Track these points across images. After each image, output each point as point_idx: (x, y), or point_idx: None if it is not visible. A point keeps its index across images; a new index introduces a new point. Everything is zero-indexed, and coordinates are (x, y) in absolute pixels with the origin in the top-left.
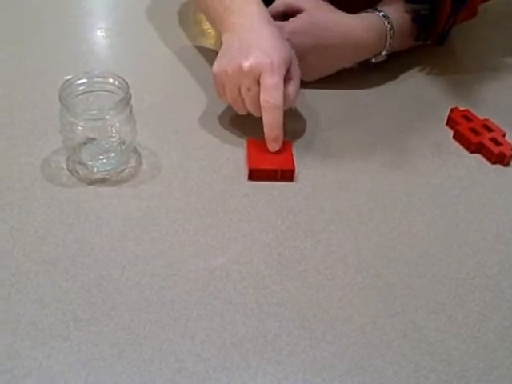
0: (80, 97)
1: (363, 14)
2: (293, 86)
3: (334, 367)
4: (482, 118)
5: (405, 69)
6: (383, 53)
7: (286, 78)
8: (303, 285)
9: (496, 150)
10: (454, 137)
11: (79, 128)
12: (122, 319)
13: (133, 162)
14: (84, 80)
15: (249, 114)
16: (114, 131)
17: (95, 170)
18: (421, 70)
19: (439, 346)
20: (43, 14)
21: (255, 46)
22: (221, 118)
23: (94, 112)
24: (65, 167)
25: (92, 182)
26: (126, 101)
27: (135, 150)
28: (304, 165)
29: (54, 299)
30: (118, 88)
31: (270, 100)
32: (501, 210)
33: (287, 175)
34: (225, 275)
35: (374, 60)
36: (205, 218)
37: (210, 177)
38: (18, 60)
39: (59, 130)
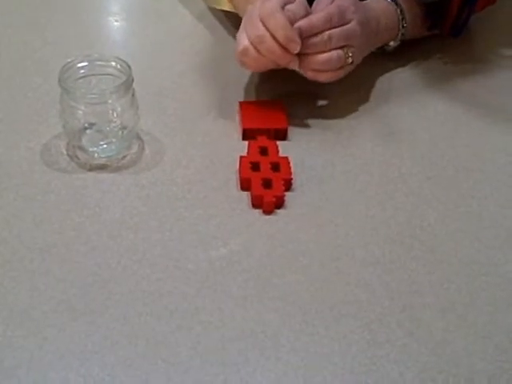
0: (81, 80)
1: (375, 0)
2: (292, 5)
3: (336, 365)
4: None
5: (417, 57)
6: (397, 38)
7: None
8: (306, 279)
9: None
10: None
11: (79, 112)
12: (117, 310)
13: (135, 149)
14: (85, 63)
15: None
16: (116, 116)
17: (96, 155)
18: (434, 59)
19: (447, 346)
20: None
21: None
22: (228, 106)
23: (95, 95)
24: (65, 152)
25: (92, 168)
26: (128, 84)
27: (137, 136)
28: (308, 168)
29: (49, 288)
30: (120, 71)
31: (267, 9)
32: None
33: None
34: (225, 267)
35: (391, 44)
36: (207, 207)
37: (213, 165)
38: (21, 42)
39: (59, 115)
